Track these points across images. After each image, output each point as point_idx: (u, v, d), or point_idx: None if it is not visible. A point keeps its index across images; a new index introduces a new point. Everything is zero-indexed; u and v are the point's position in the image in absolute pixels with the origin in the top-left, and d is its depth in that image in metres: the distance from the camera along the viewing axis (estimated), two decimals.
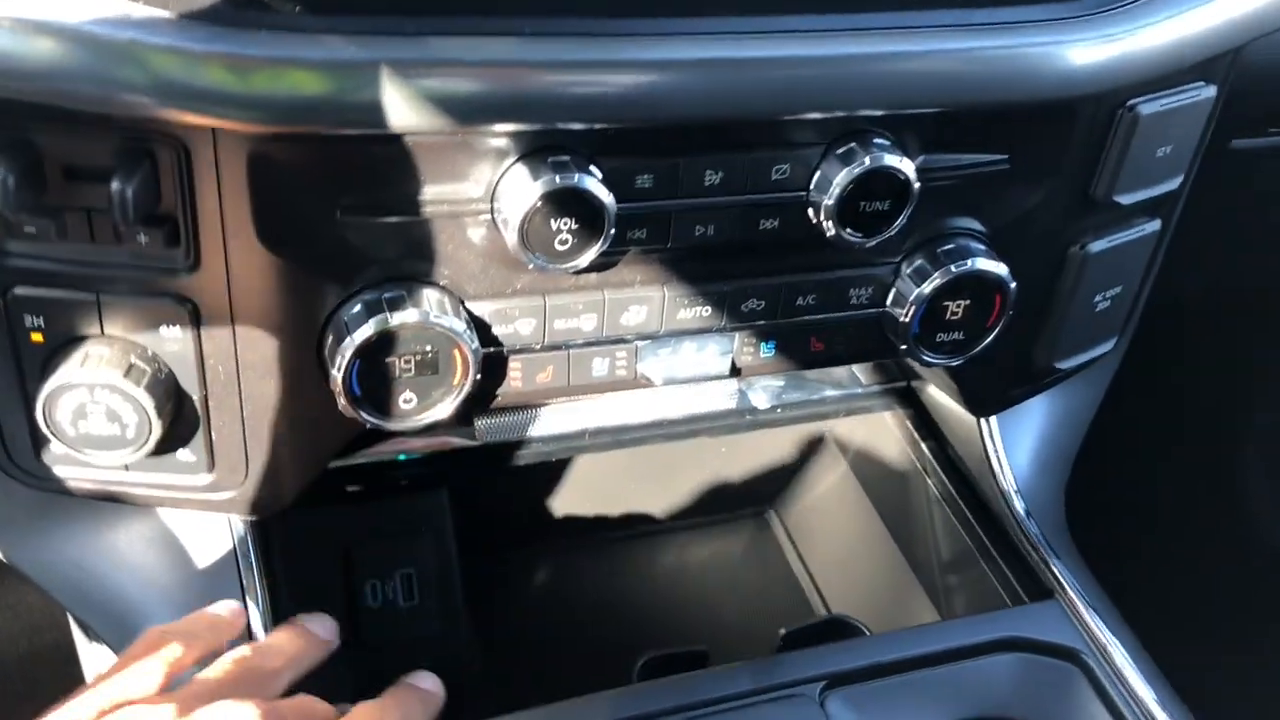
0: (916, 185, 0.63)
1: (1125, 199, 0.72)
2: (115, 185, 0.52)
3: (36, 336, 0.58)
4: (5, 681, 1.36)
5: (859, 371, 0.91)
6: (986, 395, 0.81)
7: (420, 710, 0.60)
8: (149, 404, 0.58)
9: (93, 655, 0.97)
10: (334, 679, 0.79)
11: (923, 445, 0.89)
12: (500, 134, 0.56)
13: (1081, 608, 0.76)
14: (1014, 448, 0.84)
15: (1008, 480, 0.82)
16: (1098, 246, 0.74)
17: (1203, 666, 0.83)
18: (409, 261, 0.59)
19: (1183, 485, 1.50)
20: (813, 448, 1.01)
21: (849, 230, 0.63)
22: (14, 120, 0.52)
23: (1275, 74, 0.81)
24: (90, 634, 0.95)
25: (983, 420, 0.83)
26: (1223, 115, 0.79)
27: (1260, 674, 1.29)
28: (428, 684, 0.62)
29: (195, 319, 0.58)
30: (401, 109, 0.52)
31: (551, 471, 0.93)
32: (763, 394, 0.86)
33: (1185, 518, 1.47)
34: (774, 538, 1.03)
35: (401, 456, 0.82)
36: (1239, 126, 0.93)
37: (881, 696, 0.70)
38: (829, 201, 0.61)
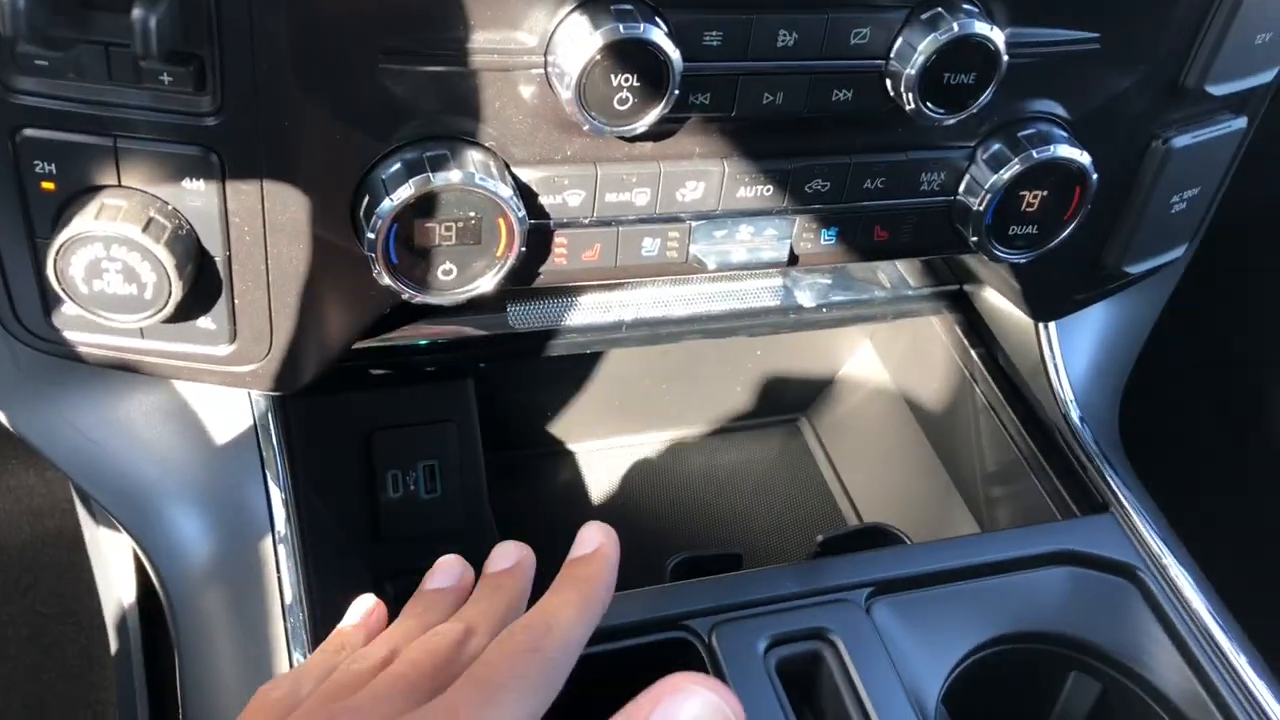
0: (1005, 59, 0.58)
1: (1218, 89, 0.67)
2: (137, 13, 0.47)
3: (48, 185, 0.54)
4: (6, 566, 1.34)
5: (908, 274, 0.87)
6: (1050, 299, 0.77)
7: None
8: (169, 262, 0.54)
9: (99, 540, 0.95)
10: (351, 573, 0.76)
11: (972, 352, 0.85)
12: None
13: (1138, 522, 0.72)
14: (1071, 356, 0.80)
15: (1064, 389, 0.78)
16: (1181, 141, 0.69)
17: (1258, 592, 0.80)
18: (453, 118, 0.54)
19: (1240, 409, 1.46)
20: (852, 353, 0.97)
21: (929, 104, 0.58)
22: None
23: None
24: (97, 516, 0.92)
25: (1041, 326, 0.79)
26: None
27: None
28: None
29: (220, 171, 0.53)
30: None
31: (582, 366, 0.89)
32: (808, 292, 0.82)
33: (1242, 440, 1.43)
34: (806, 445, 1.00)
35: (424, 342, 0.78)
36: None
37: (928, 606, 0.67)
38: (911, 71, 0.56)
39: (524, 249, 0.57)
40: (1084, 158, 0.64)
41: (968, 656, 0.67)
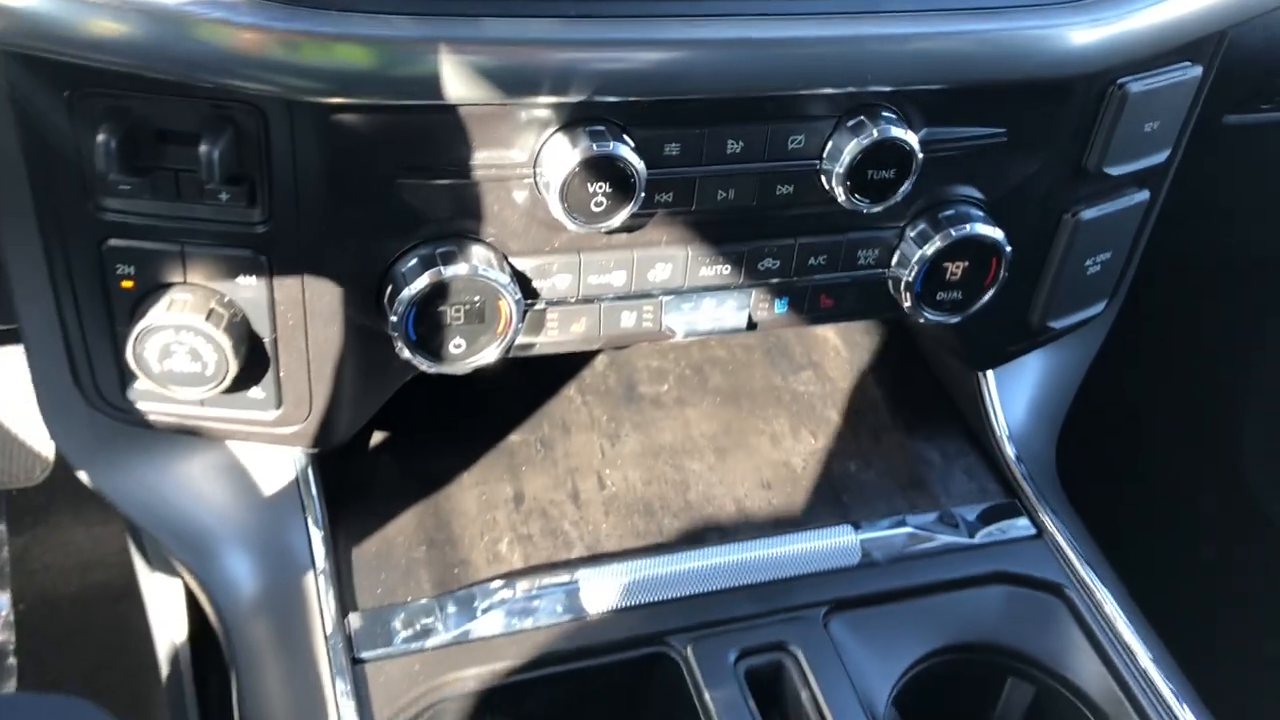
0: (920, 156, 0.69)
1: (1115, 170, 0.78)
2: (203, 148, 0.58)
3: (127, 283, 0.65)
4: (56, 618, 1.44)
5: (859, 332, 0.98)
6: (985, 351, 0.88)
7: None
8: (227, 344, 0.65)
9: (153, 585, 1.06)
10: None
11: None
12: (543, 106, 0.62)
13: (1066, 546, 0.82)
14: (1009, 399, 0.90)
15: (1001, 429, 0.88)
16: (1089, 214, 0.80)
17: (1187, 613, 0.90)
18: (460, 220, 0.66)
19: (1179, 453, 1.57)
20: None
21: (857, 196, 0.69)
22: (115, 90, 0.59)
23: (1261, 55, 0.87)
24: (152, 563, 1.03)
25: (980, 374, 0.89)
26: (1214, 92, 0.84)
27: (1237, 617, 1.36)
28: None
29: (269, 269, 0.65)
30: (456, 82, 0.58)
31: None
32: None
33: (1179, 482, 1.54)
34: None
35: None
36: (1231, 103, 0.99)
37: (878, 620, 0.77)
38: (839, 170, 0.68)
39: (521, 325, 0.68)
40: (997, 234, 0.75)
41: (915, 665, 0.77)
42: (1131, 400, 1.43)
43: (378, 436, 0.85)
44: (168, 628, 1.02)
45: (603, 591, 0.75)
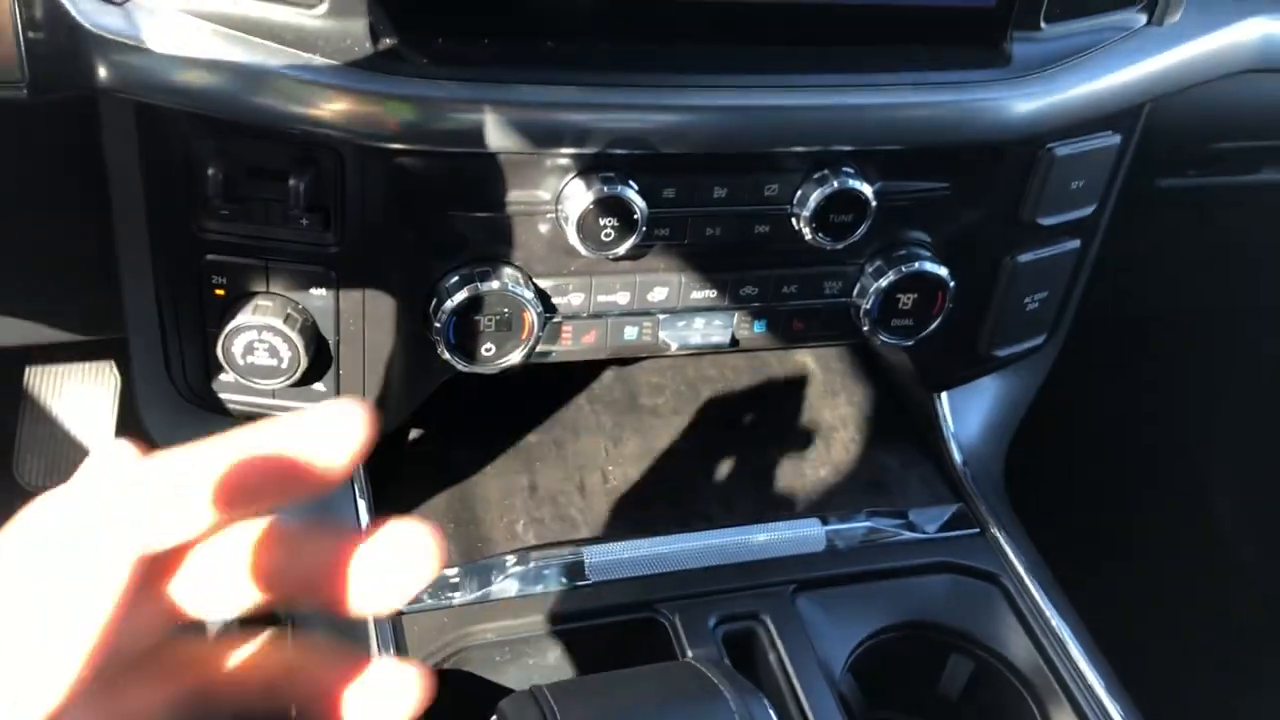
0: (874, 204, 0.83)
1: (1047, 221, 0.92)
2: (291, 182, 0.73)
3: (220, 291, 0.80)
4: None
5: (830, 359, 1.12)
6: (938, 374, 1.01)
7: None
8: (300, 343, 0.79)
9: None
10: None
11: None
12: (565, 155, 0.77)
13: (1004, 542, 0.95)
14: (961, 418, 1.03)
15: (952, 441, 1.02)
16: (1025, 258, 0.94)
17: (1111, 604, 1.03)
18: (494, 246, 0.80)
19: (1147, 497, 1.71)
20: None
21: (821, 236, 0.83)
22: (222, 134, 0.73)
23: (1179, 127, 1.01)
24: None
25: (935, 394, 1.03)
26: (1144, 157, 0.99)
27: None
28: None
29: (336, 282, 0.79)
30: (494, 135, 0.73)
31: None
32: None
33: (1148, 525, 1.69)
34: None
35: None
36: (1161, 168, 1.14)
37: (839, 599, 0.90)
38: (806, 213, 0.82)
39: (541, 334, 0.83)
40: (943, 271, 0.88)
41: (869, 638, 0.89)
42: (1086, 428, 1.57)
43: (416, 433, 0.99)
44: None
45: (603, 565, 0.88)
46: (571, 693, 0.61)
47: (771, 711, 0.61)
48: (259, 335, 0.79)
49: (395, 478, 0.94)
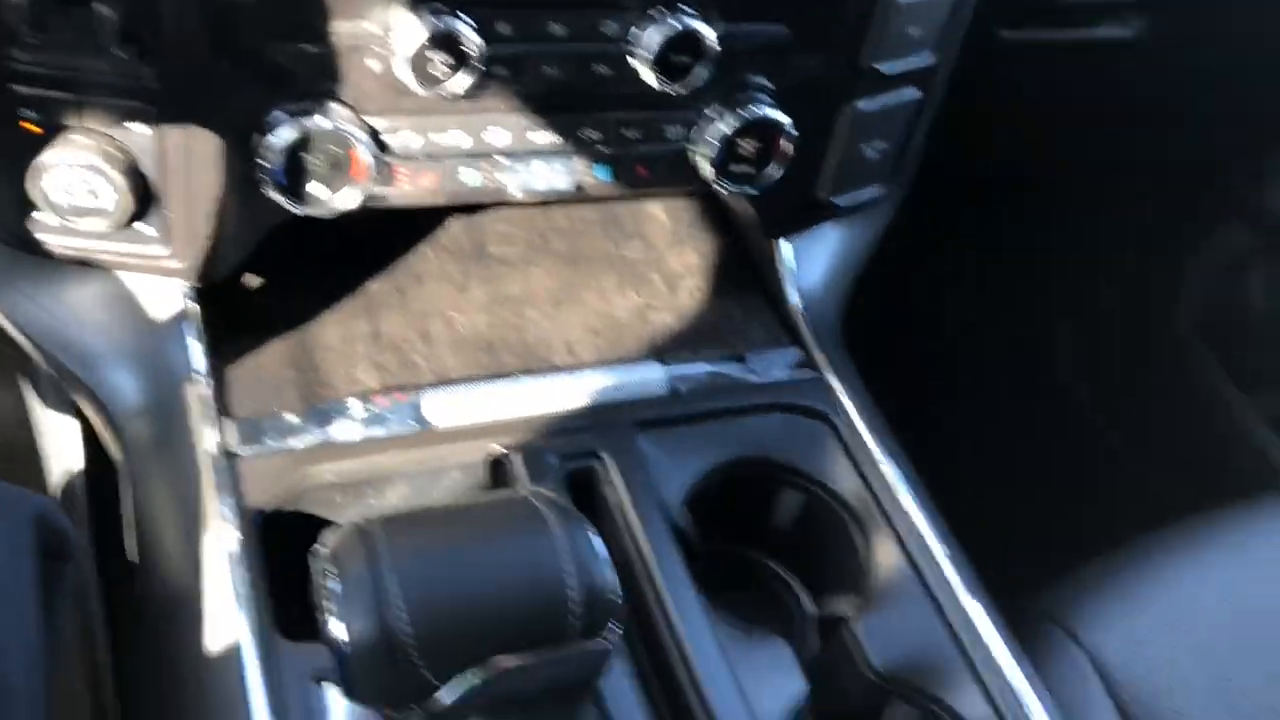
0: (716, 48, 0.83)
1: (886, 68, 0.93)
2: (100, 10, 0.69)
3: (33, 127, 0.76)
4: None
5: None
6: (779, 222, 1.03)
7: None
8: (121, 182, 0.77)
9: (48, 420, 1.16)
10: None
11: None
12: None
13: (835, 384, 0.99)
14: (802, 266, 1.06)
15: (792, 289, 1.04)
16: (865, 105, 0.95)
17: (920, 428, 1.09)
18: (323, 82, 0.78)
19: (988, 349, 1.80)
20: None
21: (661, 78, 0.83)
22: None
23: None
24: (47, 399, 1.13)
25: (776, 241, 1.05)
26: (987, 8, 1.00)
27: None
28: None
29: (158, 119, 0.76)
30: None
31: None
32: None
33: (983, 374, 1.78)
34: None
35: None
36: (1003, 20, 1.16)
37: (677, 437, 0.93)
38: (645, 54, 0.81)
39: (375, 175, 0.81)
40: (783, 117, 0.89)
41: (706, 474, 0.93)
42: (926, 282, 1.63)
43: (254, 281, 0.97)
44: (64, 458, 1.13)
45: (446, 408, 0.89)
46: (396, 524, 0.62)
47: (595, 539, 0.63)
48: (76, 173, 0.76)
49: (234, 325, 0.93)
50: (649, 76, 0.82)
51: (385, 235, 1.02)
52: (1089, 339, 1.95)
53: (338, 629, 0.58)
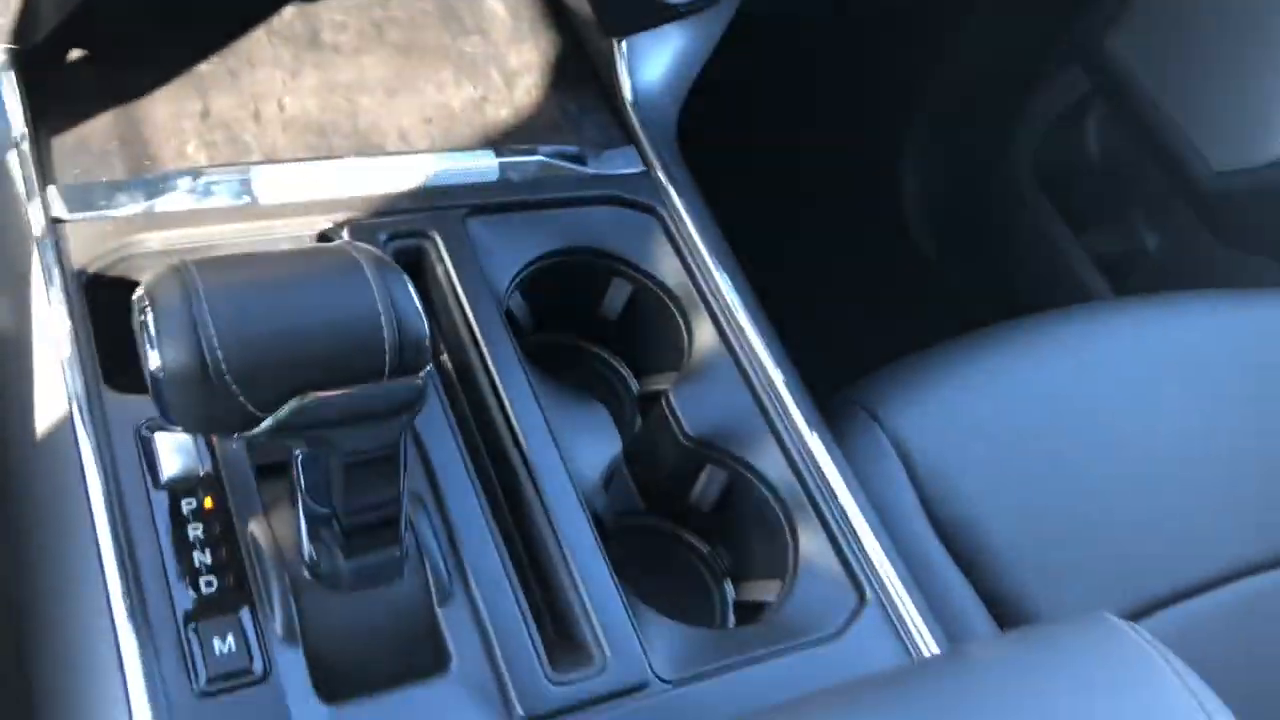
0: None
1: None
2: None
3: None
4: None
5: None
6: (618, 21, 1.05)
7: None
8: None
9: None
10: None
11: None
12: None
13: (665, 180, 1.03)
14: (638, 66, 1.08)
15: (627, 87, 1.07)
16: None
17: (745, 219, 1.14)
18: None
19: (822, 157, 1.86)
20: None
21: None
22: None
23: None
24: None
25: (615, 41, 1.07)
26: None
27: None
28: None
29: None
30: None
31: None
32: None
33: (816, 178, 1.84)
34: None
35: None
36: None
37: (508, 224, 0.96)
38: None
39: None
40: None
41: (536, 260, 0.96)
42: (764, 89, 1.68)
43: (77, 53, 0.95)
44: None
45: (276, 185, 0.90)
46: (211, 264, 0.63)
47: (409, 287, 0.66)
48: None
49: (56, 94, 0.91)
50: None
51: (216, 16, 1.01)
52: (930, 178, 2.04)
53: (153, 358, 0.60)
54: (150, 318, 0.60)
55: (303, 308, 0.63)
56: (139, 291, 0.62)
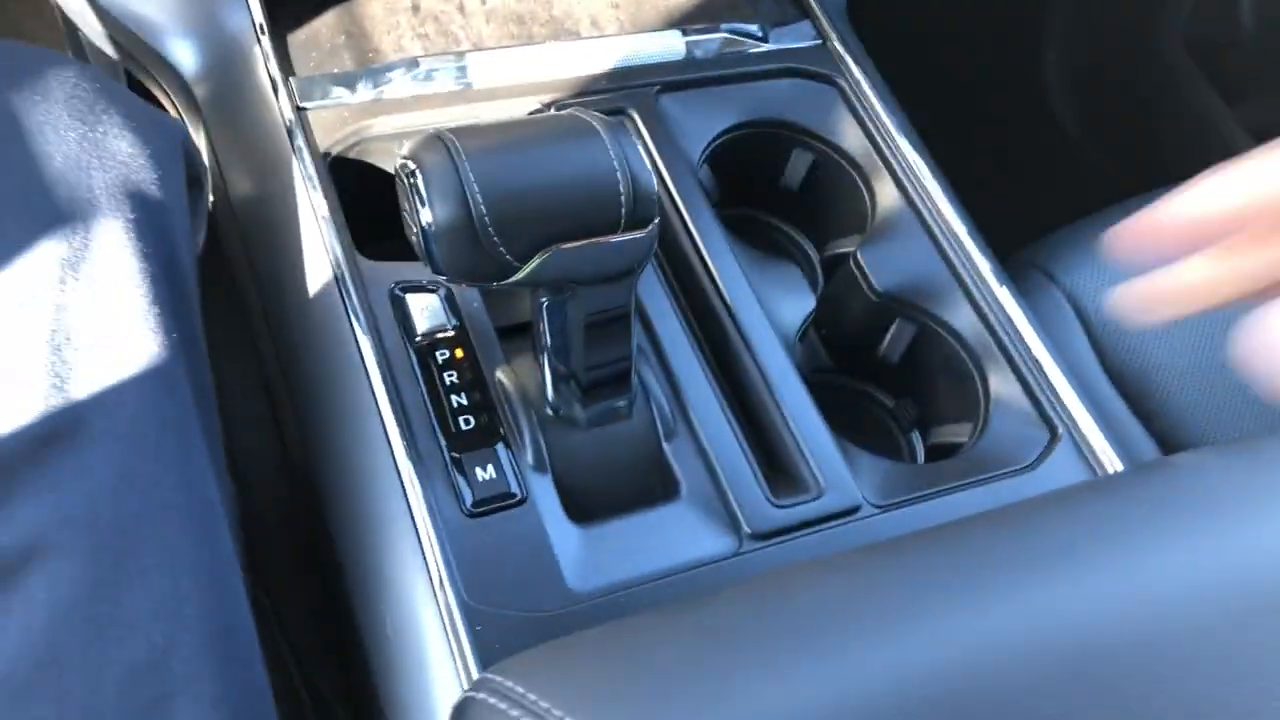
0: None
1: None
2: None
3: None
4: None
5: None
6: None
7: None
8: None
9: None
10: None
11: None
12: None
13: (842, 51, 1.07)
14: None
15: None
16: None
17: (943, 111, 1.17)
18: None
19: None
20: None
21: None
22: None
23: None
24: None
25: None
26: None
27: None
28: None
29: None
30: None
31: None
32: None
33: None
34: None
35: None
36: None
37: (696, 99, 1.01)
38: None
39: None
40: None
41: (723, 133, 1.01)
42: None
43: None
44: None
45: (487, 70, 0.97)
46: (466, 132, 0.71)
47: (639, 145, 0.72)
48: None
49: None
50: None
51: None
52: (1074, 49, 2.01)
53: (425, 214, 0.67)
54: (420, 179, 0.67)
55: (550, 166, 0.70)
56: (402, 158, 0.69)
